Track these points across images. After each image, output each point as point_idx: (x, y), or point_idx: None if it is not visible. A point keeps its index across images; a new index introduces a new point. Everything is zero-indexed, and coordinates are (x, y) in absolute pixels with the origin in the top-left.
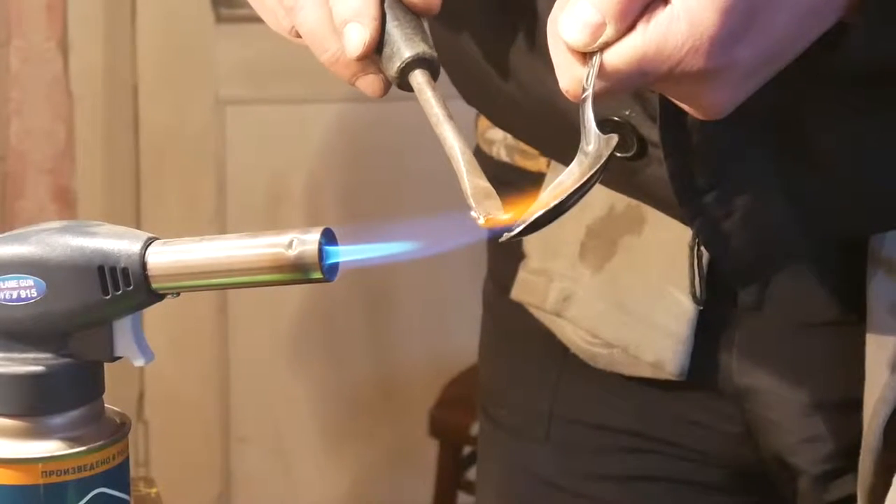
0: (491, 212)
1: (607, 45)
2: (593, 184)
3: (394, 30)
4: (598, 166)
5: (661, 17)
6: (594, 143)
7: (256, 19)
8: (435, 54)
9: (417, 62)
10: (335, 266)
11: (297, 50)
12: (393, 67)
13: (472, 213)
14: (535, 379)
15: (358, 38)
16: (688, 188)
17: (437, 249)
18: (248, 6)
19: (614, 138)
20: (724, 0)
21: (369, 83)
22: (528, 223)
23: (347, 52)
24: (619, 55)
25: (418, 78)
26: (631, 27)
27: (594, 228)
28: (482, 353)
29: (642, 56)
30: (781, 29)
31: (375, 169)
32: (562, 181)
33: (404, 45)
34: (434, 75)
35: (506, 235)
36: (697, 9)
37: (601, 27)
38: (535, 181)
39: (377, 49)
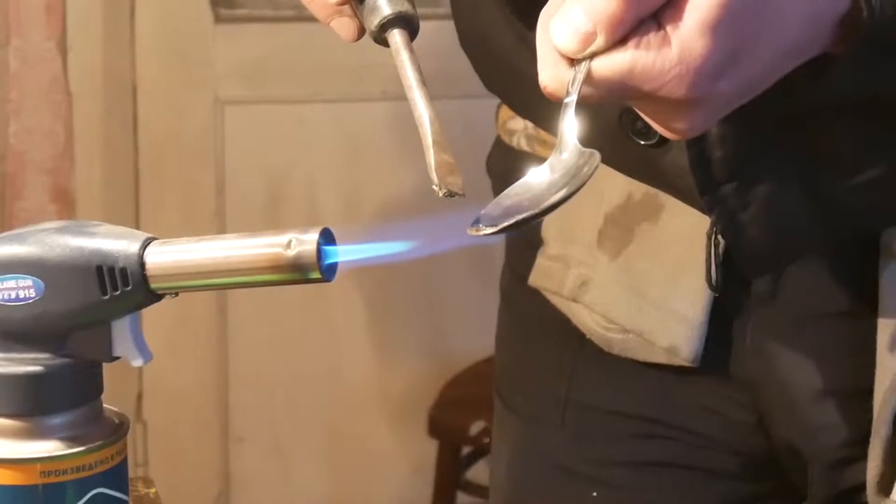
0: (451, 188)
1: (595, 54)
2: (569, 199)
3: None
4: (578, 184)
5: (653, 39)
6: (572, 154)
7: (255, 19)
8: (416, 14)
9: (398, 20)
10: (334, 266)
11: (296, 50)
12: (373, 22)
13: (433, 187)
14: (551, 365)
15: None
16: (707, 178)
17: (436, 249)
18: (247, 6)
19: (597, 155)
20: (714, 35)
21: (343, 26)
22: (497, 229)
23: None
24: (607, 66)
25: (396, 37)
26: (622, 41)
27: (612, 216)
28: (498, 341)
29: (629, 72)
30: (763, 64)
31: (375, 169)
32: (530, 184)
33: (387, 1)
34: (412, 36)
35: (471, 233)
36: (688, 39)
37: (592, 36)
38: None
39: None
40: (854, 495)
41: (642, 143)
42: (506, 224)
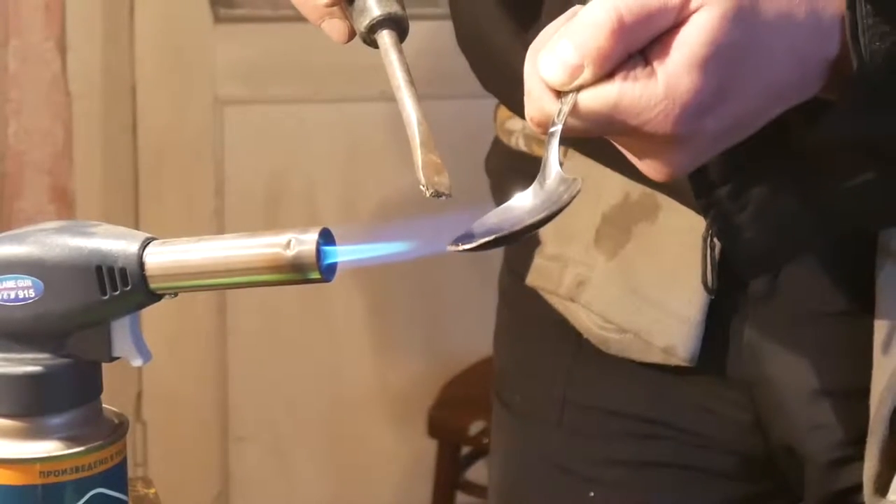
0: (438, 188)
1: (582, 87)
2: (546, 223)
3: None
4: (556, 209)
5: (640, 74)
6: (555, 181)
7: (255, 19)
8: (405, 16)
9: (387, 21)
10: (333, 266)
11: (296, 50)
12: (362, 23)
13: (420, 187)
14: (549, 365)
15: None
16: (702, 180)
17: (436, 249)
18: (247, 6)
19: (578, 183)
20: (701, 72)
21: (334, 28)
22: (473, 245)
23: None
24: (593, 98)
25: (385, 38)
26: (609, 75)
27: (609, 215)
28: (497, 341)
29: (615, 106)
30: (750, 104)
31: (374, 169)
32: (512, 207)
33: (376, 3)
34: (402, 37)
35: (450, 249)
36: (675, 76)
37: (579, 69)
38: None
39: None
40: (851, 495)
41: None
42: (482, 241)
